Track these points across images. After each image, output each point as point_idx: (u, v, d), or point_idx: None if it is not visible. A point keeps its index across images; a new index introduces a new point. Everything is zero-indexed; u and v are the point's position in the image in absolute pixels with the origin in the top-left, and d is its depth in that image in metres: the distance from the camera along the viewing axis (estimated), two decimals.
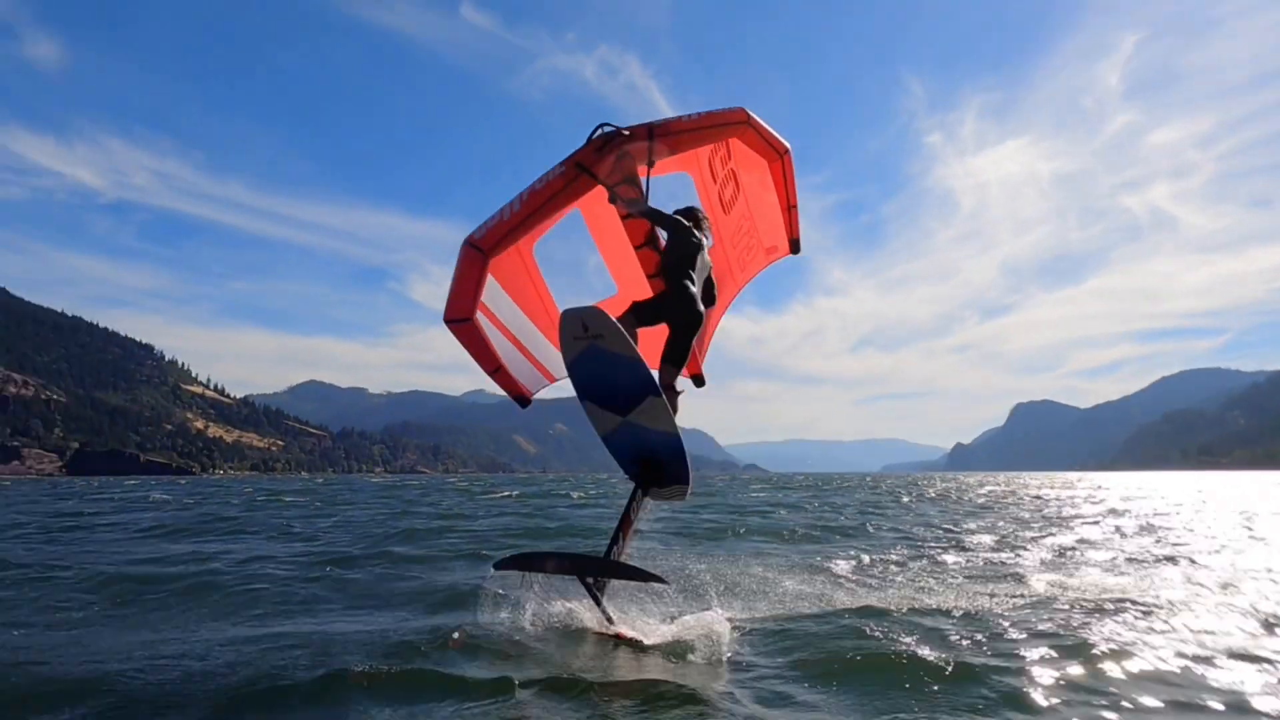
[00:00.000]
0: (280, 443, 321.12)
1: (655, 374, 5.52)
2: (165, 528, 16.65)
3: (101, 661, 5.31)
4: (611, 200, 5.76)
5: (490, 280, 5.39)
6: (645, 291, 6.58)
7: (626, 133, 5.28)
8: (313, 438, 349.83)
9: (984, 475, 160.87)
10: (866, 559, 10.63)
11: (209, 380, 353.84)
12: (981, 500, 30.48)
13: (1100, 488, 50.53)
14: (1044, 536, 14.30)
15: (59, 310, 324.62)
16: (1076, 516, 20.22)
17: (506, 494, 36.99)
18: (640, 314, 5.76)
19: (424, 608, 7.28)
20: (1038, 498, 32.51)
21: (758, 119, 5.83)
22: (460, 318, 5.20)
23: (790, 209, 6.73)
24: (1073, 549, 12.10)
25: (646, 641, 5.58)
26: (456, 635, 5.71)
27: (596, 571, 5.60)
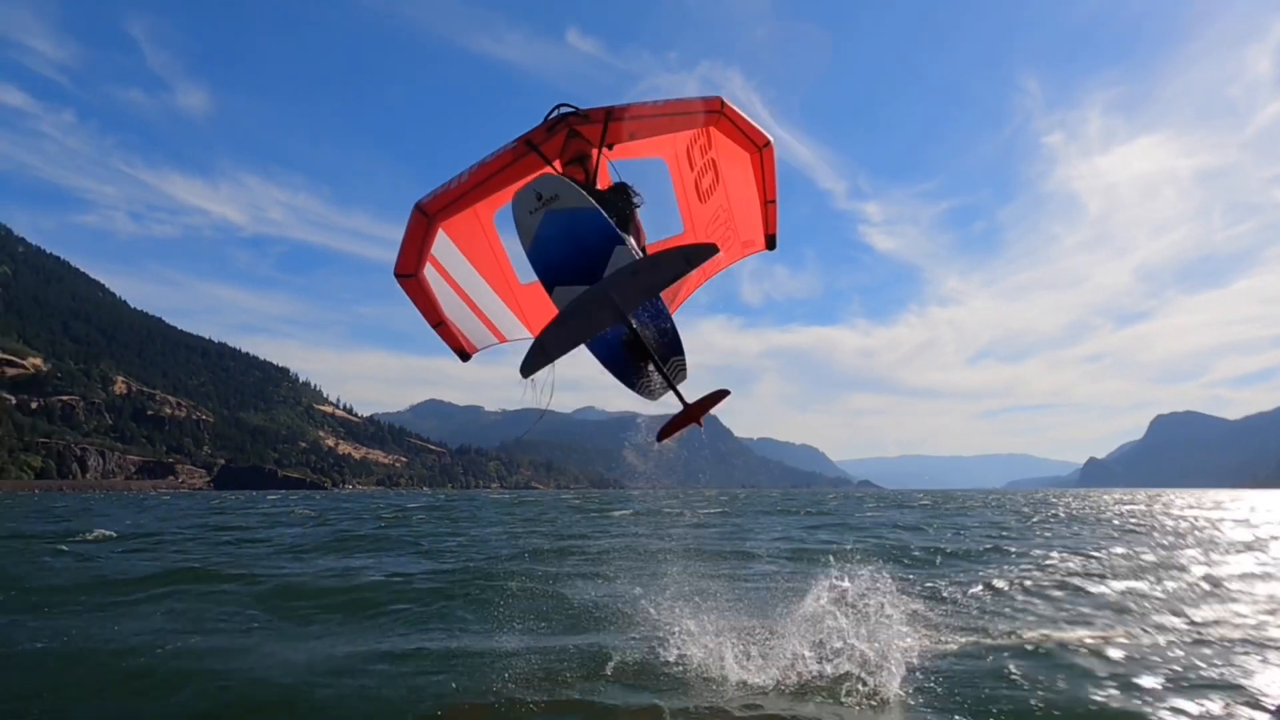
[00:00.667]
0: (404, 459, 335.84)
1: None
2: (310, 543, 17.79)
3: (267, 671, 5.78)
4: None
5: (446, 241, 5.63)
6: None
7: (583, 113, 5.31)
8: (433, 454, 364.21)
9: (1122, 493, 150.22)
10: (1003, 585, 10.19)
11: (339, 400, 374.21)
12: (1122, 520, 28.50)
13: (1256, 509, 46.35)
14: (1199, 564, 13.28)
15: (207, 337, 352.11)
16: (1233, 542, 18.63)
17: (624, 512, 37.42)
18: None
19: (560, 628, 7.51)
20: (1186, 519, 30.11)
21: (735, 109, 5.70)
22: (405, 273, 5.50)
23: (768, 204, 6.48)
24: (1232, 580, 11.20)
25: (793, 678, 5.55)
26: None
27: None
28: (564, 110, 5.34)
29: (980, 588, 10.03)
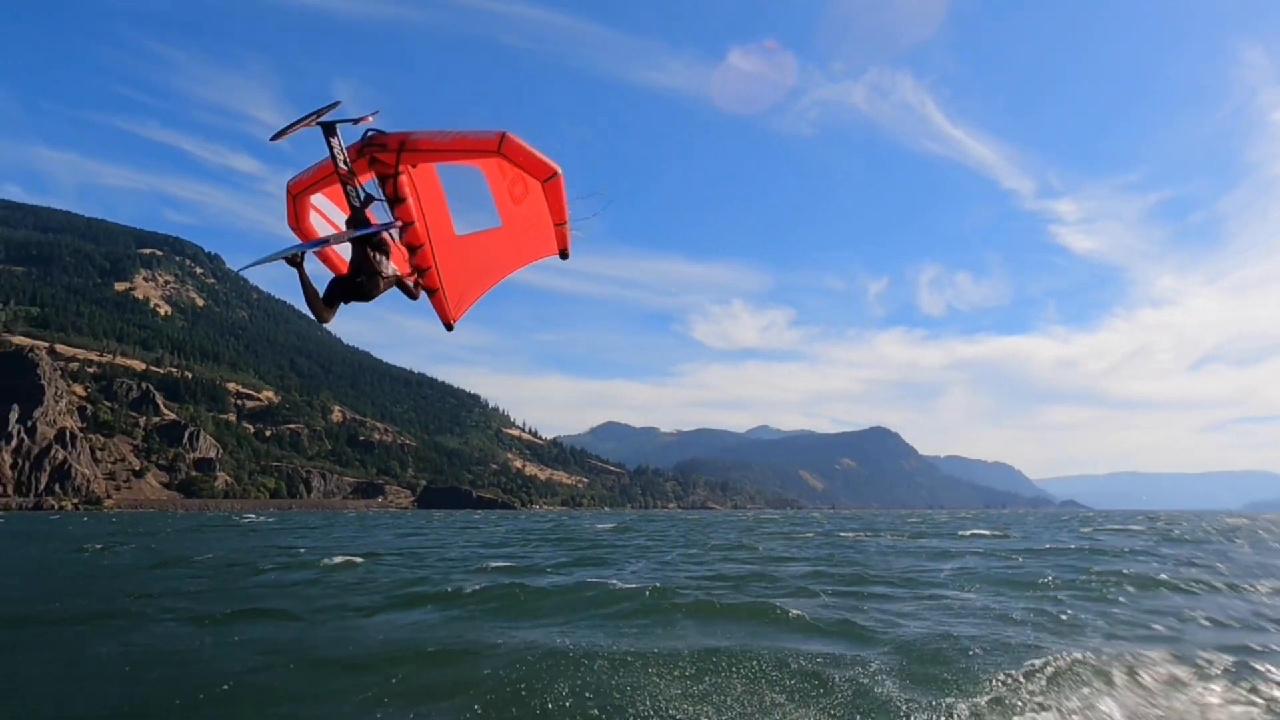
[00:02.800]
0: (585, 480, 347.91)
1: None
2: (569, 560, 19.33)
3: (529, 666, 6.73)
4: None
5: (314, 206, 7.58)
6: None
7: (380, 142, 6.57)
8: (613, 475, 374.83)
9: None
10: None
11: (524, 424, 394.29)
12: None
13: None
14: None
15: (408, 368, 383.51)
16: None
17: (810, 533, 37.18)
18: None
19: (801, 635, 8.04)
20: None
21: (517, 144, 6.33)
22: (291, 225, 7.40)
23: (558, 225, 7.20)
24: None
25: None
26: None
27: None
28: (369, 135, 6.69)
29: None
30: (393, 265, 7.26)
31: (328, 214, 7.91)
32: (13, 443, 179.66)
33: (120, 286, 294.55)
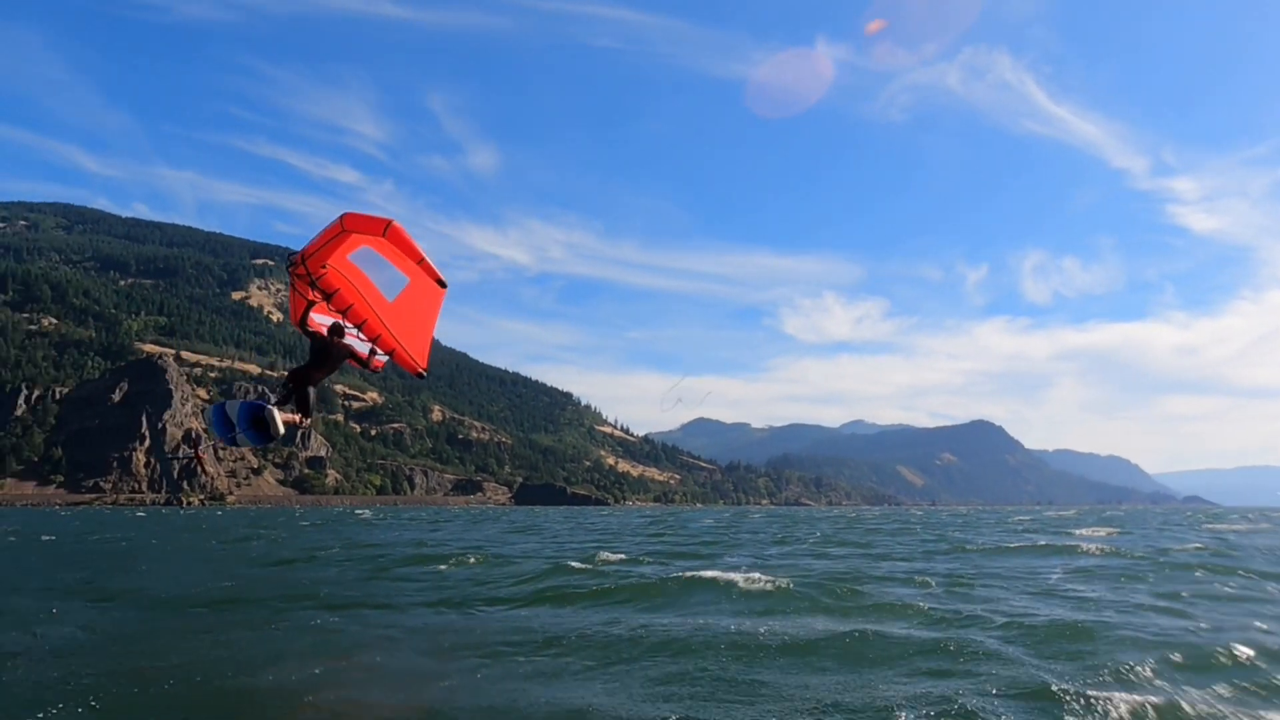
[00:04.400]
0: (677, 476, 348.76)
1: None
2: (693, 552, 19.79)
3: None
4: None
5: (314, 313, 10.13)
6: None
7: (292, 261, 9.14)
8: (705, 471, 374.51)
9: None
10: None
11: (616, 421, 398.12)
12: None
13: None
14: None
15: (503, 368, 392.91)
16: None
17: (914, 529, 36.43)
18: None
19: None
20: None
21: (353, 217, 8.49)
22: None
23: (420, 263, 8.90)
24: None
25: None
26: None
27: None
28: (289, 264, 9.30)
29: None
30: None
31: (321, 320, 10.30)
32: (145, 443, 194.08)
33: (237, 295, 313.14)
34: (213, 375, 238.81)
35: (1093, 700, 5.55)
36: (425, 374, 11.10)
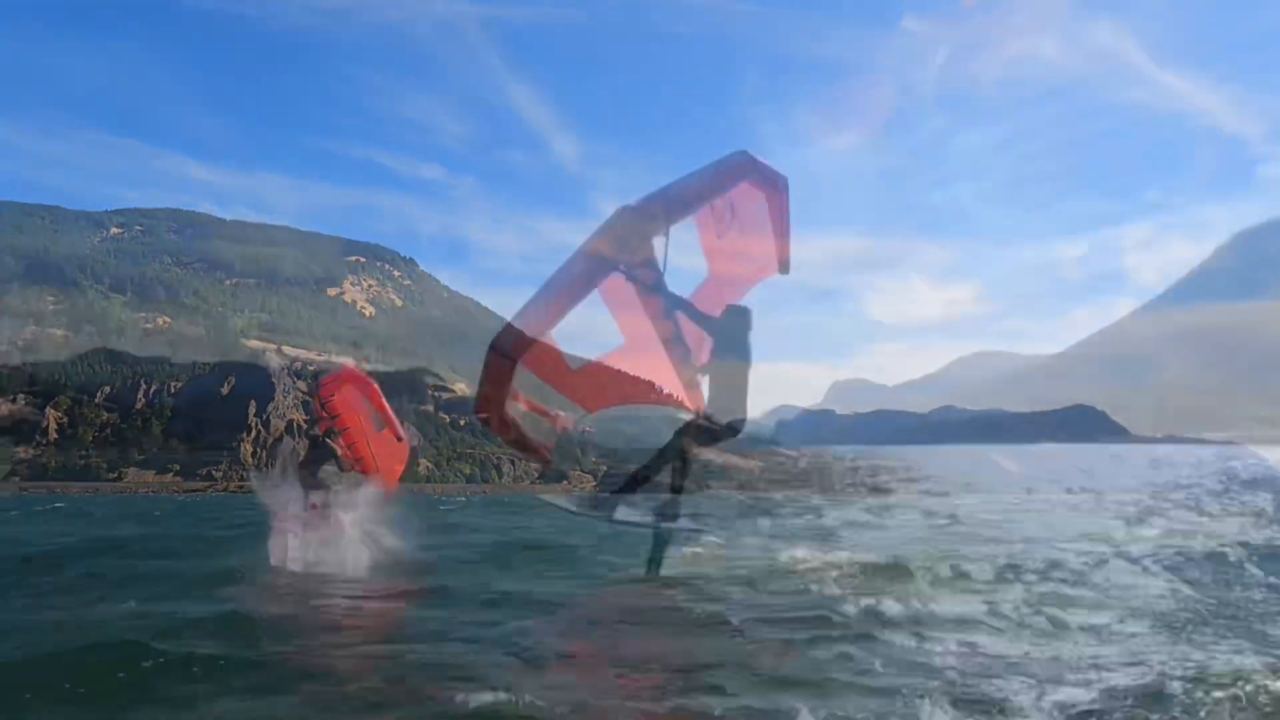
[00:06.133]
0: (760, 463, 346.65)
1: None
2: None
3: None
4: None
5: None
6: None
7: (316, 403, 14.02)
8: (788, 458, 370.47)
9: None
10: None
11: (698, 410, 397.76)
12: None
13: None
14: None
15: (585, 356, 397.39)
16: None
17: (1020, 514, 34.85)
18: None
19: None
20: None
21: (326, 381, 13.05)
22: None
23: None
24: None
25: None
26: None
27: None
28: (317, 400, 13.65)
29: None
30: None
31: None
32: (252, 434, 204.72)
33: (331, 292, 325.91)
34: (311, 369, 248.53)
35: None
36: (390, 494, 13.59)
